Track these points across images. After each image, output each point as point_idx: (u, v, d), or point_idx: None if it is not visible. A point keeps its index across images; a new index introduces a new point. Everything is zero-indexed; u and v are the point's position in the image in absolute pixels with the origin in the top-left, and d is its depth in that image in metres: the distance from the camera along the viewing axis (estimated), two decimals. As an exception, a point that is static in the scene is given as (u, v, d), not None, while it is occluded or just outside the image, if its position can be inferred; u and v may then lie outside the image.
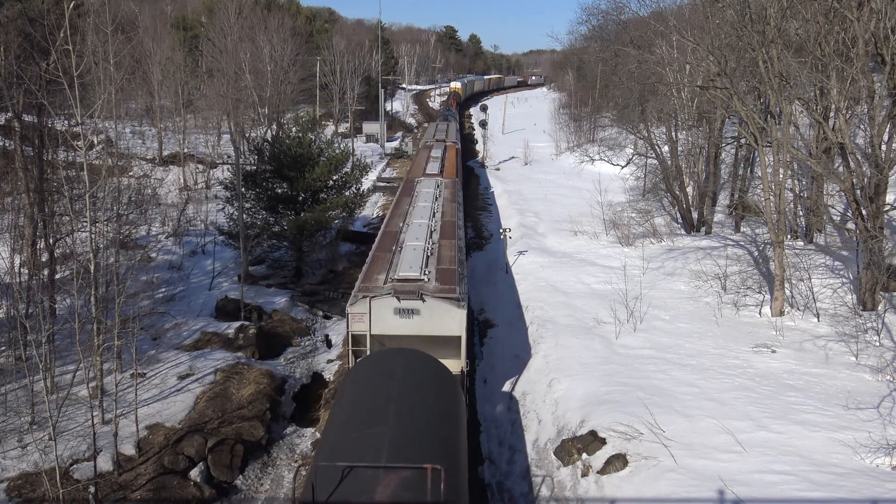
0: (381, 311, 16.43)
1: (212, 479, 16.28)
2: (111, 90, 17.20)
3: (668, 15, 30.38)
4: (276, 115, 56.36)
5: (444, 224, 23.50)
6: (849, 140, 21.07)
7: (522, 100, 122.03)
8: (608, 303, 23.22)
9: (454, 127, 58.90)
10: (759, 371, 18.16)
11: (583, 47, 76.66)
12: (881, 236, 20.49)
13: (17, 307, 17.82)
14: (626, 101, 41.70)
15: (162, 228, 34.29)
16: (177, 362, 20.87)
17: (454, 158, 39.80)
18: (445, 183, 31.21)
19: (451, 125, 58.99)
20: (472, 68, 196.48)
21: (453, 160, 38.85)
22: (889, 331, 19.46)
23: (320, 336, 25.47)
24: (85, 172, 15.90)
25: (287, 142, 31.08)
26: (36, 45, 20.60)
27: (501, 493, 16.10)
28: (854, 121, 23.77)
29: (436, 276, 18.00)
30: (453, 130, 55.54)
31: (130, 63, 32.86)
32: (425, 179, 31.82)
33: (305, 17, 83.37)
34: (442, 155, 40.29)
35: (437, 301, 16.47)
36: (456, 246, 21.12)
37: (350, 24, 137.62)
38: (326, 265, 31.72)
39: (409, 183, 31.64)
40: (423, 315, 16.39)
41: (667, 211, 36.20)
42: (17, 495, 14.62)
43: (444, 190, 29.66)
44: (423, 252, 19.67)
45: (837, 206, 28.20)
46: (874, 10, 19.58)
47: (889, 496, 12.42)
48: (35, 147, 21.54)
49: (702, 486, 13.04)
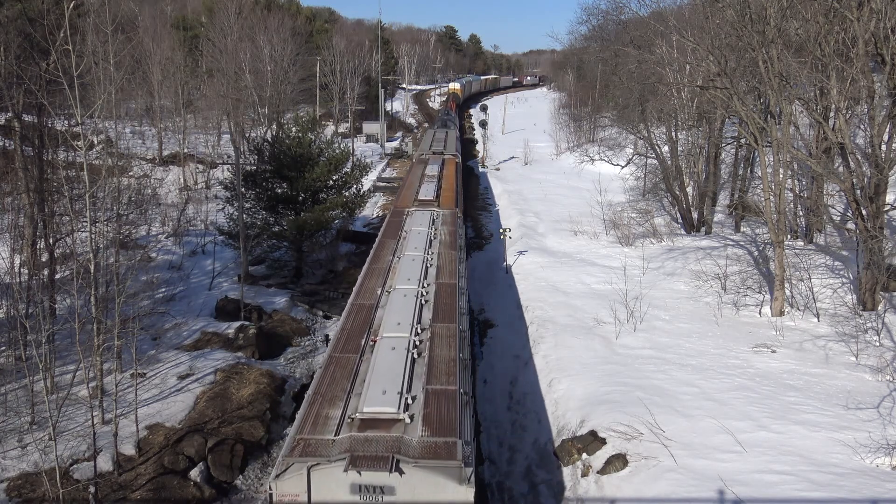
0: (328, 487, 10.16)
1: (212, 479, 16.28)
2: (111, 90, 17.20)
3: (668, 15, 30.39)
4: (276, 115, 56.37)
5: (439, 292, 17.07)
6: (849, 140, 21.07)
7: (522, 100, 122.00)
8: (608, 303, 23.22)
9: (454, 135, 51.72)
10: (759, 371, 18.16)
11: (583, 47, 76.76)
12: (881, 236, 20.48)
13: (17, 307, 17.82)
14: (626, 101, 41.72)
15: (162, 228, 34.29)
16: (177, 362, 20.87)
17: (454, 178, 33.29)
18: (443, 217, 25.21)
19: (449, 133, 52.09)
20: (472, 68, 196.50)
21: (453, 180, 32.48)
22: (889, 331, 19.46)
23: (320, 336, 25.47)
24: (85, 172, 15.90)
25: (287, 142, 31.08)
26: (36, 45, 20.61)
27: (501, 493, 16.10)
28: (854, 121, 23.78)
29: (424, 411, 11.38)
30: (452, 139, 48.41)
31: (130, 63, 32.87)
32: (417, 213, 25.40)
33: (305, 17, 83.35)
34: (439, 173, 34.04)
35: (425, 473, 10.06)
36: (457, 335, 14.44)
37: (350, 24, 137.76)
38: (326, 265, 31.72)
39: (397, 217, 25.39)
40: (401, 495, 10.09)
41: (667, 211, 36.20)
42: (17, 495, 14.62)
43: (441, 228, 23.49)
44: (407, 355, 13.25)
45: (837, 206, 28.20)
46: (874, 10, 19.58)
47: (889, 496, 12.42)
48: (35, 147, 21.53)
49: (702, 486, 13.04)
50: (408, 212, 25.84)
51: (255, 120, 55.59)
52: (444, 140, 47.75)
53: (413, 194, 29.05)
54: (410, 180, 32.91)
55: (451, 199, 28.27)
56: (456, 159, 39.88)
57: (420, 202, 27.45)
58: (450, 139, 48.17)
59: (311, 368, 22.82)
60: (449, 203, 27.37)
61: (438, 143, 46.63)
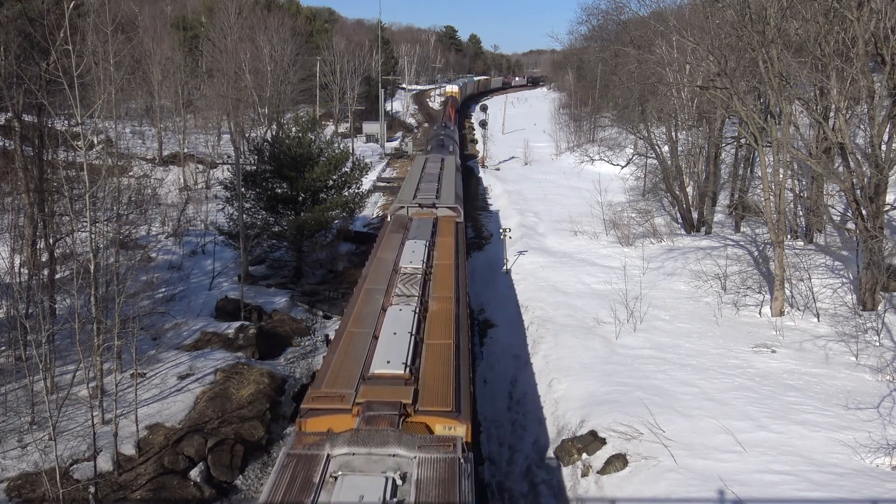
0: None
1: (212, 479, 16.28)
2: (111, 90, 17.20)
3: (668, 15, 30.38)
4: (276, 115, 56.38)
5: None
6: (849, 140, 21.07)
7: (522, 100, 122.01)
8: (608, 303, 23.22)
9: (452, 165, 34.22)
10: (759, 371, 18.16)
11: (583, 47, 76.77)
12: (881, 236, 20.49)
13: (17, 307, 17.81)
14: (625, 101, 41.71)
15: (162, 228, 34.29)
16: (177, 362, 20.87)
17: (453, 278, 17.31)
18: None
19: (447, 163, 34.85)
20: (472, 68, 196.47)
21: (451, 288, 16.52)
22: (889, 331, 19.46)
23: (320, 336, 25.47)
24: (85, 172, 15.90)
25: (287, 142, 31.08)
26: (36, 45, 20.60)
27: (501, 493, 16.10)
28: (854, 121, 23.78)
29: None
30: (451, 171, 31.74)
31: (130, 63, 32.87)
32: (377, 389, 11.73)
33: (305, 17, 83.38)
34: (423, 271, 17.62)
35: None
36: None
37: (350, 24, 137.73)
38: (326, 265, 31.72)
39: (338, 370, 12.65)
40: None
41: (667, 211, 36.20)
42: (17, 495, 14.62)
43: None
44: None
45: (837, 206, 28.20)
46: (874, 10, 19.58)
47: (889, 496, 12.42)
48: (35, 147, 21.52)
49: (702, 486, 13.04)
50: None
51: (255, 120, 55.60)
52: (438, 175, 30.44)
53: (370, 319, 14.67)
54: (375, 275, 17.58)
55: (449, 341, 13.54)
56: (457, 217, 23.60)
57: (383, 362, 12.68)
58: (447, 173, 31.26)
59: (312, 368, 22.82)
60: (443, 381, 12.02)
61: (428, 182, 28.65)
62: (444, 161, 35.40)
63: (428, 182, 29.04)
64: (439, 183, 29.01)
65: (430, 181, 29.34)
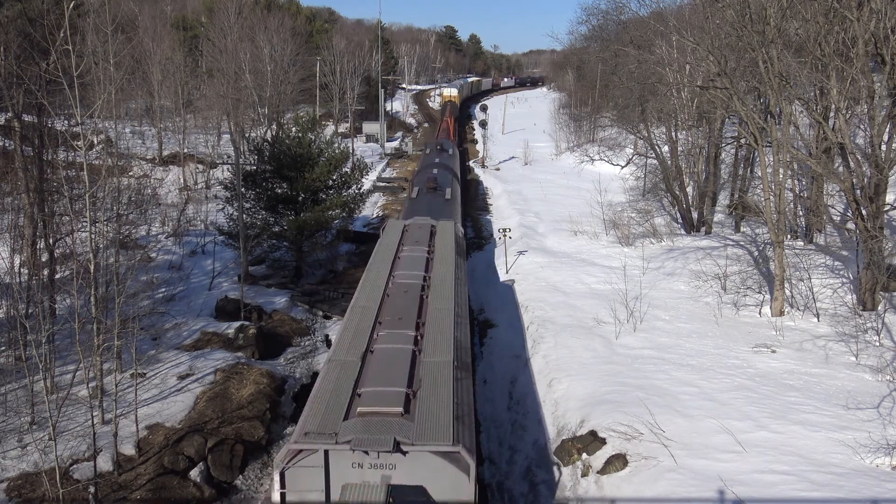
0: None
1: (212, 479, 16.28)
2: (111, 90, 17.21)
3: (668, 15, 30.43)
4: (276, 115, 56.38)
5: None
6: (849, 140, 21.07)
7: (522, 100, 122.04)
8: (608, 303, 23.22)
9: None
10: (759, 371, 18.16)
11: (583, 47, 76.80)
12: (881, 236, 20.49)
13: (17, 307, 17.81)
14: (625, 101, 41.70)
15: (162, 228, 34.29)
16: (177, 362, 20.87)
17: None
18: None
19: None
20: (472, 68, 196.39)
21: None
22: (889, 331, 19.46)
23: (320, 336, 25.48)
24: (85, 172, 15.91)
25: (287, 142, 31.08)
26: (36, 45, 20.58)
27: (501, 493, 16.10)
28: (854, 121, 23.76)
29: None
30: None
31: (130, 63, 32.88)
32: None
33: (305, 17, 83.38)
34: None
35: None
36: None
37: (350, 24, 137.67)
38: (326, 265, 31.73)
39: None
40: None
41: (667, 211, 36.20)
42: (17, 495, 14.62)
43: None
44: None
45: (837, 206, 28.20)
46: (874, 10, 19.58)
47: (889, 496, 12.43)
48: (35, 147, 21.52)
49: (702, 486, 13.04)
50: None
51: (255, 120, 55.57)
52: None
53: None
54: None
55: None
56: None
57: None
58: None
59: (312, 368, 22.83)
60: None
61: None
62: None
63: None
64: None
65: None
